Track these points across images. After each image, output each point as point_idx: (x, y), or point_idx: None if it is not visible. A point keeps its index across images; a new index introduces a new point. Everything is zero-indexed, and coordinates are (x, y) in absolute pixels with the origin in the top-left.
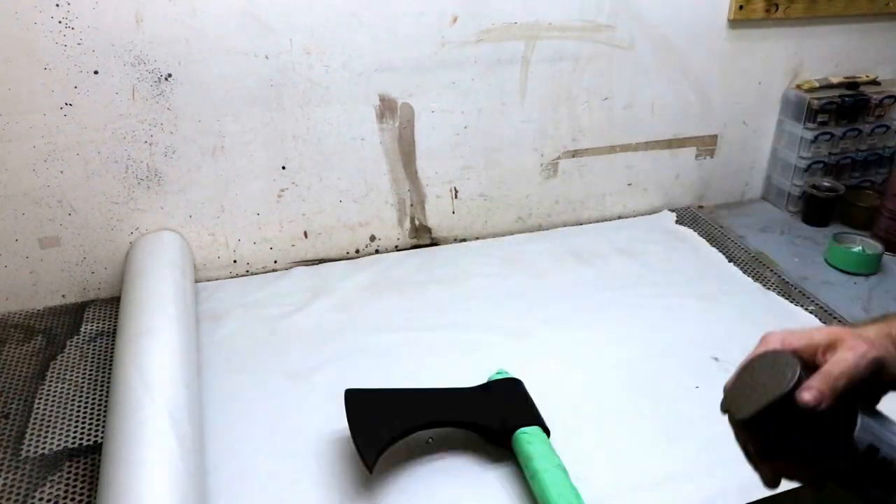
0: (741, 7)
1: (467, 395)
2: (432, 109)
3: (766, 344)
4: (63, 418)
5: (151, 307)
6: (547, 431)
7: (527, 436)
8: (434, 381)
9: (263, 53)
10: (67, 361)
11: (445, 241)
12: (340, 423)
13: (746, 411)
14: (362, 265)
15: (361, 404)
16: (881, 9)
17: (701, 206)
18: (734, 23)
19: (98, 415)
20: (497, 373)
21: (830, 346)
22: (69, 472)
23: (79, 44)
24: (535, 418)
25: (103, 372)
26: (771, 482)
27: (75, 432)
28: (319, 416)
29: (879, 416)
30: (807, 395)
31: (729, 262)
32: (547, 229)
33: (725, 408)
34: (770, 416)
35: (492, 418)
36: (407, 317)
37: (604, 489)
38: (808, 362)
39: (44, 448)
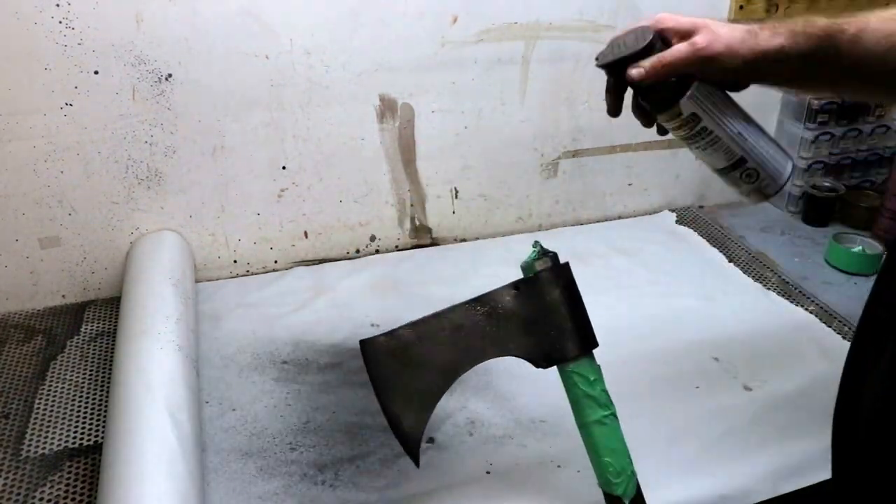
0: (741, 7)
1: (502, 307)
2: (432, 109)
3: (651, 18)
4: (63, 418)
5: (151, 307)
6: (594, 344)
7: (575, 377)
8: None
9: (263, 53)
10: (67, 361)
11: (445, 241)
12: (341, 423)
13: (601, 60)
14: (362, 265)
15: (385, 366)
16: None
17: (701, 206)
18: (734, 23)
19: (98, 415)
20: (532, 252)
21: (686, 35)
22: (69, 472)
23: (79, 44)
24: (584, 344)
25: (103, 372)
26: (610, 111)
27: (75, 432)
28: (320, 417)
29: (724, 99)
30: (633, 71)
31: (729, 262)
32: (547, 229)
33: (596, 56)
34: (614, 68)
35: (533, 346)
36: (407, 317)
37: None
38: (668, 41)
39: (44, 448)
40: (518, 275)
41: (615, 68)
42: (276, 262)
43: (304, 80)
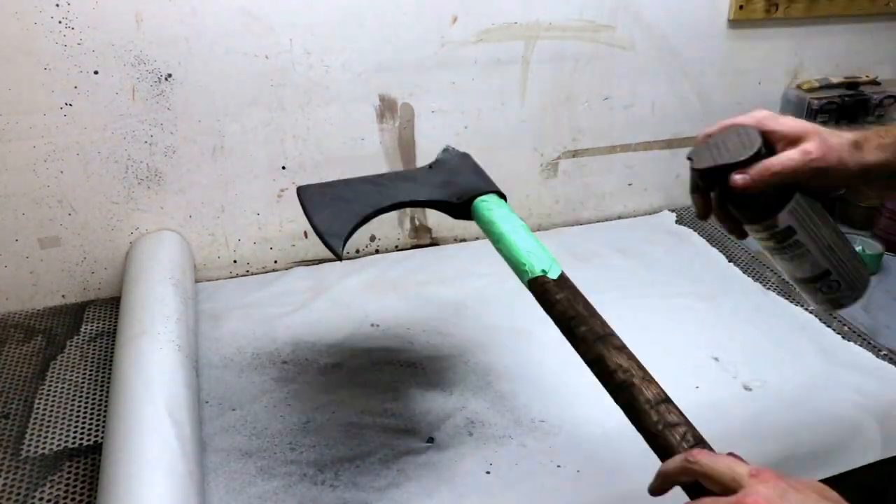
0: (741, 7)
1: (420, 176)
2: (432, 109)
3: (752, 117)
4: (63, 418)
5: (151, 307)
6: (503, 197)
7: (485, 203)
8: (436, 377)
9: (263, 53)
10: (67, 361)
11: (445, 241)
12: (341, 423)
13: (699, 164)
14: (362, 265)
15: (317, 198)
16: (881, 9)
17: None
18: (734, 23)
19: (98, 415)
20: (443, 150)
21: (793, 140)
22: (69, 472)
23: (79, 44)
24: (489, 186)
25: (103, 372)
26: (700, 214)
27: (75, 432)
28: (320, 417)
29: (820, 212)
30: (738, 178)
31: (729, 262)
32: (547, 229)
33: (689, 156)
34: (715, 174)
35: (448, 193)
36: (407, 317)
37: (604, 489)
38: (772, 145)
39: (44, 448)
40: (515, 277)
41: (714, 175)
42: (276, 262)
43: (304, 80)
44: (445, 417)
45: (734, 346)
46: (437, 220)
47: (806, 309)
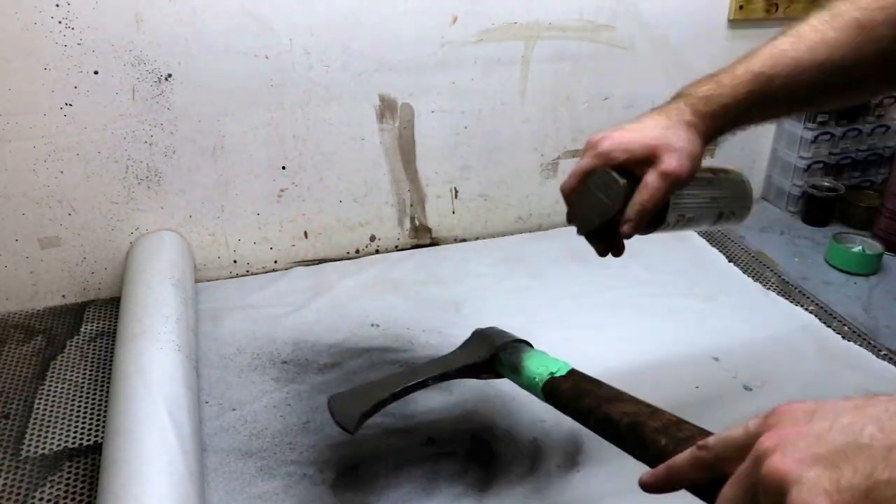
0: (741, 7)
1: (450, 355)
2: (432, 109)
3: (597, 156)
4: (63, 418)
5: (151, 307)
6: (528, 344)
7: (506, 352)
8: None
9: (263, 53)
10: (67, 361)
11: (445, 241)
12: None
13: (586, 228)
14: (362, 265)
15: (341, 398)
16: None
17: None
18: (734, 23)
19: (98, 415)
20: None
21: (646, 159)
22: (69, 472)
23: (79, 44)
24: (514, 339)
25: (103, 372)
26: (601, 253)
27: (75, 432)
28: (320, 417)
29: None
30: (626, 228)
31: (729, 262)
32: (547, 229)
33: (570, 221)
34: (600, 231)
35: (471, 358)
36: (407, 317)
37: (604, 490)
38: (629, 169)
39: (44, 448)
40: (516, 277)
41: (599, 231)
42: (276, 262)
43: (304, 80)
44: (445, 417)
45: (734, 346)
46: (437, 219)
47: (806, 309)
